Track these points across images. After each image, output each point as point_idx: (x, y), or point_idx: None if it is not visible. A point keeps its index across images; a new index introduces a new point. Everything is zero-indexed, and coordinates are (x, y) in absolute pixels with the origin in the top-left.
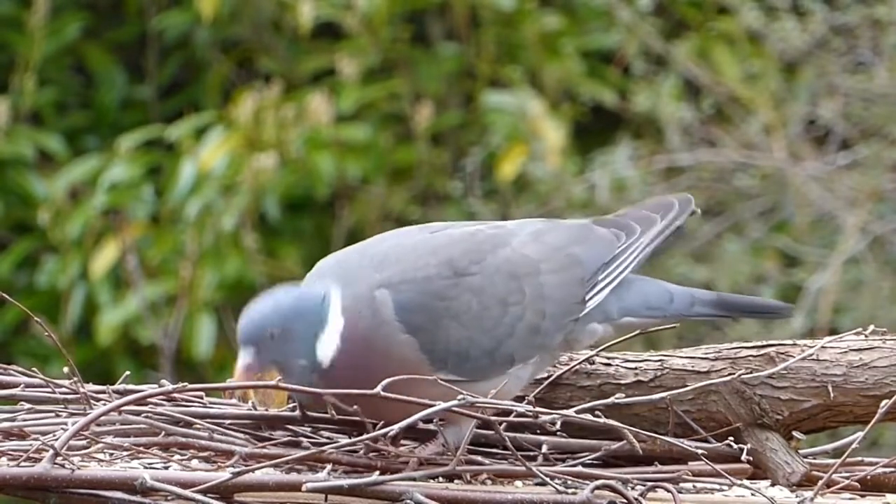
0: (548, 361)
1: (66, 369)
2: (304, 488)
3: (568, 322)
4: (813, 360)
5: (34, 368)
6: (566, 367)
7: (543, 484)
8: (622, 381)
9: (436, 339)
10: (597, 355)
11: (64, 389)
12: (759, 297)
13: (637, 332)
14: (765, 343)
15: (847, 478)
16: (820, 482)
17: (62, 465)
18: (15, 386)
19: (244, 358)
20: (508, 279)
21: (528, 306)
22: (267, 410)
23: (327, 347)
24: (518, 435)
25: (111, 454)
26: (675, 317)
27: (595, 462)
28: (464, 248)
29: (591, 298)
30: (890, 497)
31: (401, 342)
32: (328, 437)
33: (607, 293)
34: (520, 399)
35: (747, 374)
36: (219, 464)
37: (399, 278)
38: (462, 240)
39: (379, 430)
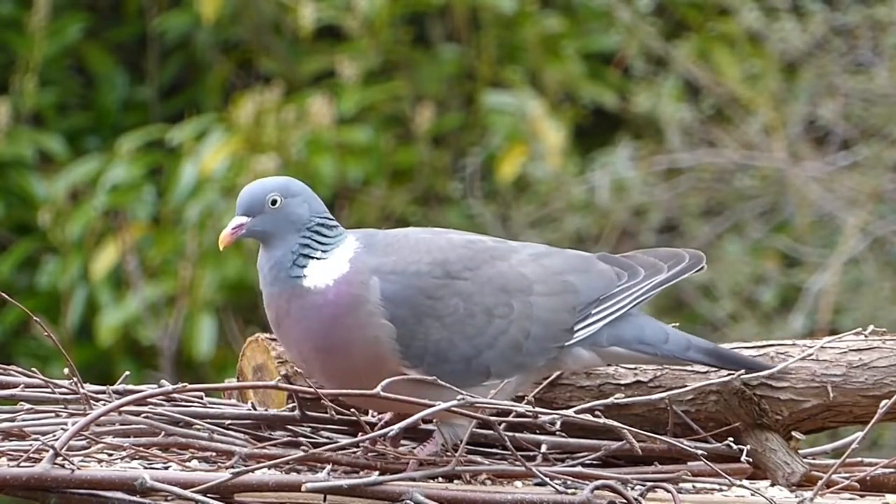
0: (529, 381)
1: (66, 370)
2: (303, 488)
3: (553, 347)
4: (812, 360)
5: (34, 369)
6: None
7: (543, 484)
8: (622, 382)
9: (415, 335)
10: None
11: (64, 390)
12: (746, 355)
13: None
14: (765, 343)
15: (847, 478)
16: (820, 482)
17: (62, 466)
18: (15, 386)
19: (235, 220)
20: (498, 291)
21: (514, 322)
22: (266, 410)
23: (322, 275)
24: (517, 435)
25: (111, 454)
26: (668, 357)
27: (595, 462)
28: (461, 253)
29: (580, 329)
30: (889, 497)
31: (379, 325)
32: (327, 438)
33: (598, 328)
34: (520, 399)
35: (747, 374)
36: (218, 464)
37: (390, 268)
38: (461, 245)
39: (378, 430)
